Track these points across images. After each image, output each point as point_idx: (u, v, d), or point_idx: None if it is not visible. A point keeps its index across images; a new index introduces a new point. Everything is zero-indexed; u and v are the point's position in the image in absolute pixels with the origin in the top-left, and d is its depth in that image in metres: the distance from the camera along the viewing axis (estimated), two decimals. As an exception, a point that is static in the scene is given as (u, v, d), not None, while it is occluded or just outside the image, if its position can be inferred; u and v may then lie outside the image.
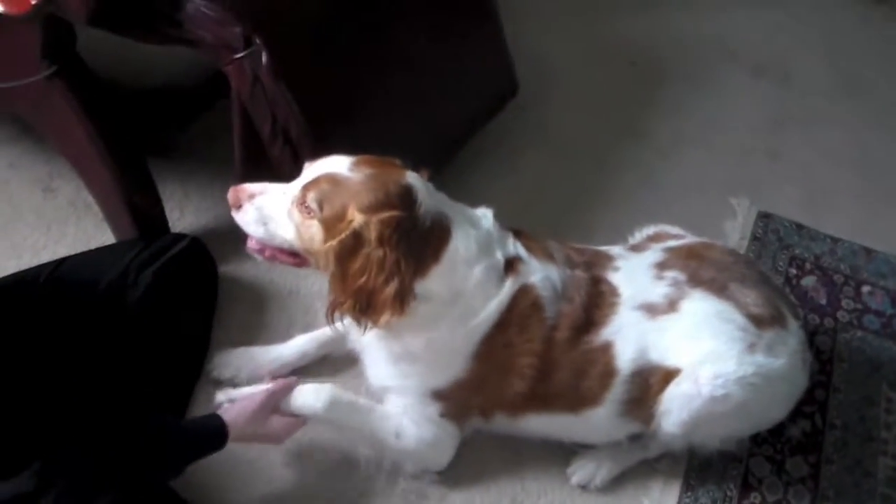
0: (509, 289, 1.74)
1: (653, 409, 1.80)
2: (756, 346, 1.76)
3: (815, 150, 2.99)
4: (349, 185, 1.63)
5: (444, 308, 1.71)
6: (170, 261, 2.06)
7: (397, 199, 1.62)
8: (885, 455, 2.12)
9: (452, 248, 1.69)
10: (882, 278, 2.53)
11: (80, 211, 2.41)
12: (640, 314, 1.79)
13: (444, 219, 1.69)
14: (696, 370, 1.74)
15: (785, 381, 1.85)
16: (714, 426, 1.83)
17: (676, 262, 1.88)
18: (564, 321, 1.77)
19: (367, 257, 1.59)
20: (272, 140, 1.97)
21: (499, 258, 1.75)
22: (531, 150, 2.82)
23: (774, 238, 2.62)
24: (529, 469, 2.01)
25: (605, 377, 1.78)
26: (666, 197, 2.73)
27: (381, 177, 1.65)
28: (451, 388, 1.80)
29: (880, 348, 2.34)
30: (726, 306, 1.79)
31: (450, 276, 1.69)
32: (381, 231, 1.58)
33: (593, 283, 1.82)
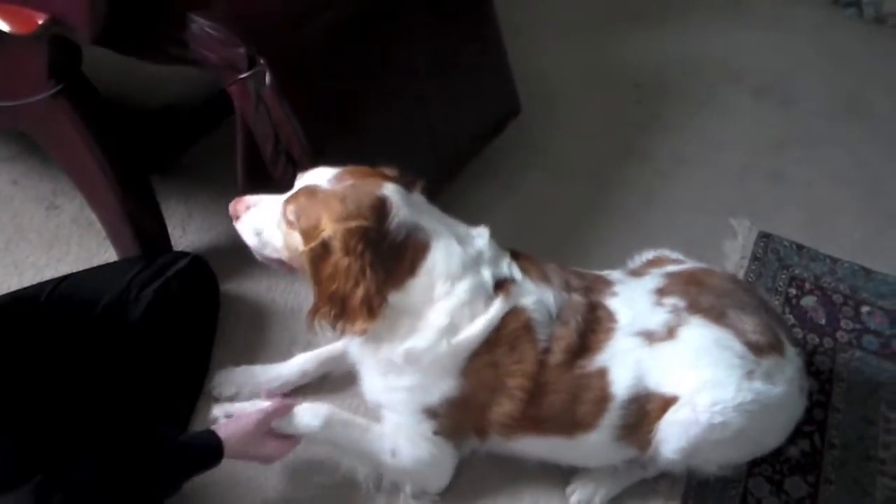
0: (498, 309, 1.74)
1: (649, 436, 1.80)
2: (754, 374, 1.76)
3: (815, 171, 3.00)
4: (325, 197, 1.69)
5: (420, 321, 1.72)
6: (171, 279, 2.07)
7: (368, 211, 1.66)
8: (884, 475, 2.11)
9: (430, 262, 1.71)
10: (881, 298, 2.54)
11: (82, 229, 2.43)
12: (638, 340, 1.78)
13: (421, 232, 1.72)
14: (694, 397, 1.74)
15: (782, 409, 1.85)
16: (712, 453, 1.82)
17: (676, 288, 1.88)
18: (558, 345, 1.77)
19: (336, 265, 1.65)
20: (275, 159, 1.99)
21: (486, 278, 1.75)
22: (532, 170, 2.84)
23: (774, 258, 2.63)
24: (528, 488, 2.00)
25: (599, 402, 1.78)
26: (667, 217, 2.74)
27: (357, 189, 1.70)
28: (442, 405, 1.80)
29: (879, 368, 2.34)
30: (725, 333, 1.79)
31: (427, 289, 1.71)
32: (346, 240, 1.63)
33: (590, 308, 1.82)
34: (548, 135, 2.96)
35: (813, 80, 3.41)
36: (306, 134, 1.94)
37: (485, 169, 2.71)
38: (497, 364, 1.76)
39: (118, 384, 1.93)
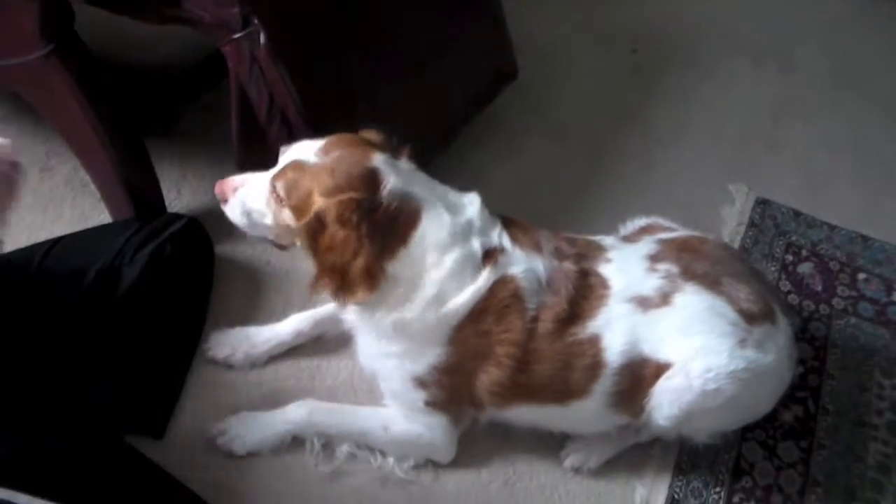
0: (485, 278, 1.73)
1: (643, 402, 1.80)
2: (747, 342, 1.76)
3: (814, 138, 2.98)
4: (313, 171, 1.67)
5: (413, 291, 1.72)
6: (166, 241, 2.05)
7: (358, 182, 1.65)
8: (876, 441, 2.13)
9: (421, 232, 1.70)
10: (878, 266, 2.53)
11: (76, 191, 2.42)
12: (632, 307, 1.78)
13: (413, 201, 1.70)
14: (688, 364, 1.74)
15: (773, 377, 1.85)
16: (704, 420, 1.83)
17: (670, 255, 1.87)
18: (547, 313, 1.76)
19: (333, 237, 1.64)
20: (269, 121, 1.97)
21: (475, 248, 1.74)
22: (530, 134, 2.82)
23: (772, 224, 2.63)
24: (522, 452, 2.02)
25: (592, 369, 1.78)
26: (664, 182, 2.73)
27: (345, 160, 1.68)
28: (430, 373, 1.80)
29: (874, 335, 2.35)
30: (719, 301, 1.79)
31: (418, 260, 1.70)
32: (340, 212, 1.62)
33: (582, 275, 1.81)
34: (545, 99, 2.94)
35: (812, 47, 3.38)
36: (301, 95, 1.92)
37: (482, 133, 2.70)
38: (485, 333, 1.76)
39: (112, 348, 1.93)
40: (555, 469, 2.01)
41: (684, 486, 2.01)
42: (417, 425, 1.89)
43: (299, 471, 1.93)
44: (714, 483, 2.02)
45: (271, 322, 2.13)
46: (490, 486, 1.97)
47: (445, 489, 1.95)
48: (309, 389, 2.06)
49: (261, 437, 1.93)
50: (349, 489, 1.92)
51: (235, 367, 2.07)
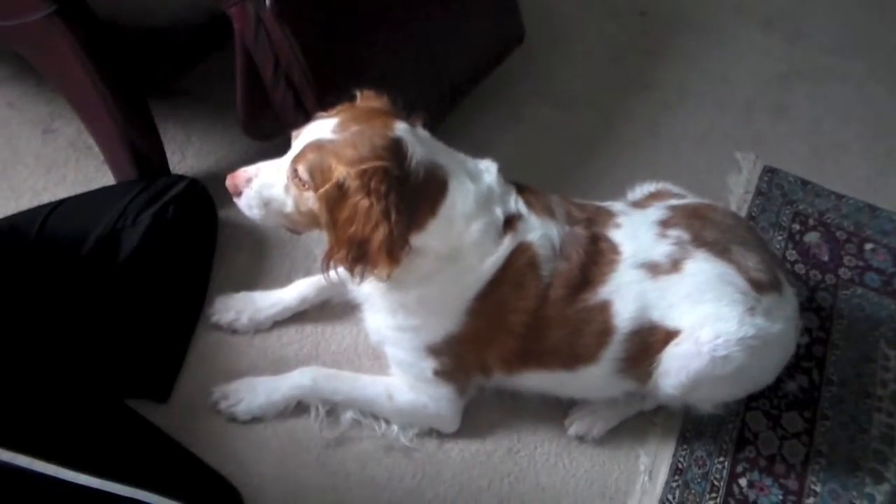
0: (506, 247, 1.71)
1: (650, 369, 1.80)
2: (756, 310, 1.75)
3: (822, 106, 2.96)
4: (335, 147, 1.59)
5: (441, 263, 1.69)
6: (168, 203, 2.04)
7: (384, 152, 1.58)
8: (880, 412, 2.13)
9: (450, 202, 1.66)
10: (885, 236, 2.52)
11: (80, 152, 2.40)
12: (642, 273, 1.77)
13: (439, 171, 1.66)
14: (697, 331, 1.74)
15: (779, 346, 1.85)
16: (710, 389, 1.83)
17: (680, 221, 1.85)
18: (559, 279, 1.75)
19: (355, 207, 1.56)
20: (275, 84, 1.95)
21: (498, 215, 1.72)
22: (537, 99, 2.80)
23: (779, 193, 2.61)
24: (526, 420, 2.02)
25: (602, 335, 1.77)
26: (671, 149, 2.71)
27: (367, 132, 1.60)
28: (444, 343, 1.79)
29: (880, 306, 2.34)
30: (729, 269, 1.78)
31: (447, 230, 1.67)
32: (366, 180, 1.54)
33: (593, 240, 1.80)
34: (552, 64, 2.92)
35: (822, 15, 3.34)
36: (306, 58, 1.90)
37: (489, 98, 2.67)
38: (502, 302, 1.75)
39: (115, 310, 1.93)
40: (559, 438, 2.01)
41: (688, 456, 2.01)
42: (423, 395, 1.89)
43: (303, 436, 1.93)
44: (718, 452, 2.03)
45: (276, 287, 2.12)
46: (494, 455, 1.97)
47: (449, 457, 1.95)
48: (313, 355, 2.06)
49: (264, 402, 1.92)
50: (352, 455, 1.92)
51: (239, 332, 2.06)
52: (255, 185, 1.70)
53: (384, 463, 1.93)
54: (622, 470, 1.99)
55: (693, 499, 1.96)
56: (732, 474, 2.00)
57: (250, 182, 1.70)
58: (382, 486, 1.90)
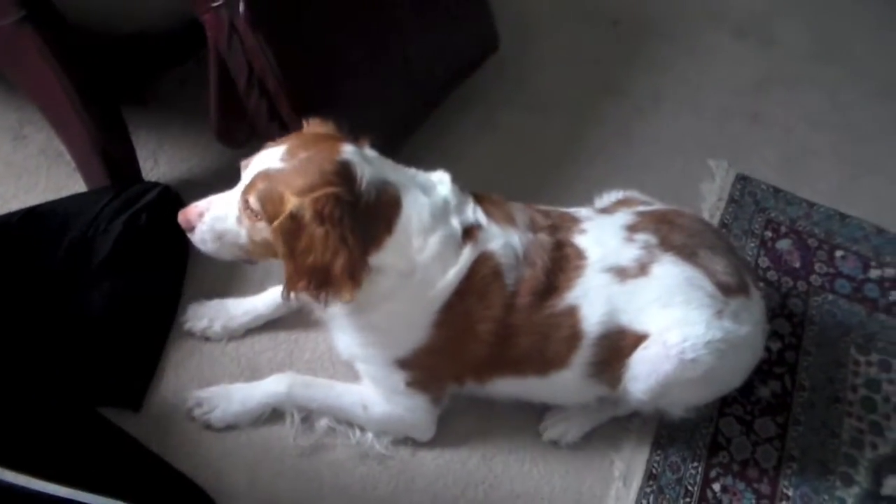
0: (467, 257, 1.72)
1: (621, 373, 1.81)
2: (723, 314, 1.77)
3: (794, 114, 2.98)
4: (284, 175, 1.60)
5: (402, 279, 1.70)
6: (141, 210, 2.04)
7: (334, 177, 1.59)
8: (851, 416, 2.15)
9: (405, 218, 1.67)
10: (855, 243, 2.55)
11: (51, 159, 2.38)
12: (609, 277, 1.78)
13: (391, 188, 1.67)
14: (665, 335, 1.75)
15: (747, 349, 1.87)
16: (680, 392, 1.83)
17: (648, 226, 1.87)
18: (525, 286, 1.75)
19: (311, 236, 1.57)
20: (248, 91, 1.95)
21: (456, 226, 1.72)
22: (511, 106, 2.80)
23: (751, 201, 2.63)
24: (500, 427, 2.02)
25: (571, 340, 1.78)
26: (645, 156, 2.72)
27: (314, 159, 1.61)
28: (414, 356, 1.79)
29: (850, 312, 2.36)
30: (696, 272, 1.79)
31: (405, 246, 1.68)
32: (318, 208, 1.55)
33: (557, 246, 1.80)
34: (526, 71, 2.93)
35: (794, 22, 3.37)
36: (280, 65, 1.89)
37: (463, 105, 2.68)
38: (467, 312, 1.76)
39: (87, 317, 1.91)
40: (533, 444, 2.01)
41: (662, 461, 2.02)
42: (397, 406, 1.89)
43: (276, 444, 1.92)
44: (692, 458, 2.04)
45: (249, 294, 2.11)
46: (468, 462, 1.97)
47: (423, 464, 1.95)
48: (287, 363, 2.05)
49: (239, 409, 1.92)
50: (327, 463, 1.92)
51: (213, 340, 2.05)
52: (207, 218, 1.70)
53: (358, 471, 1.92)
54: (597, 476, 1.99)
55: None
56: (706, 479, 2.01)
57: (202, 216, 1.71)
58: (357, 494, 1.89)
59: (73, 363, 1.87)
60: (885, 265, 2.49)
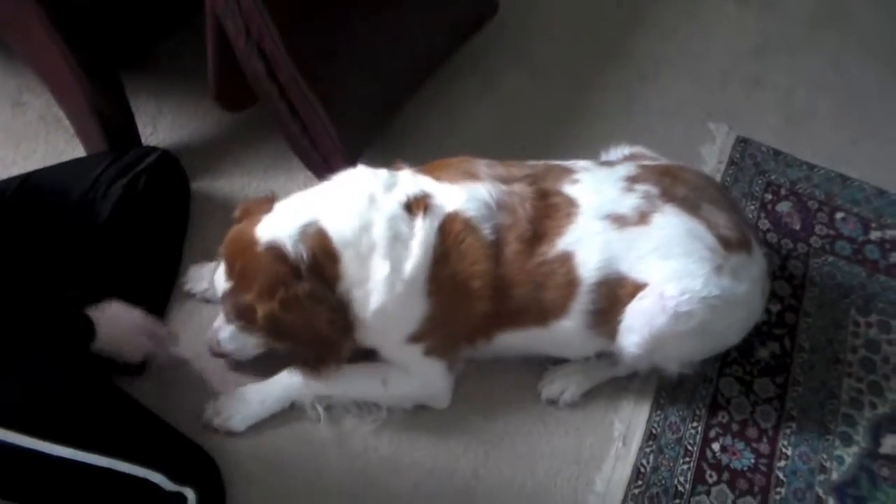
0: (424, 226, 1.73)
1: (619, 323, 1.81)
2: (723, 269, 1.77)
3: (795, 78, 2.97)
4: (238, 291, 1.73)
5: (372, 279, 1.73)
6: (140, 174, 2.03)
7: (270, 267, 1.68)
8: (850, 377, 2.15)
9: (337, 236, 1.71)
10: (856, 205, 2.54)
11: (50, 126, 2.38)
12: (606, 224, 1.78)
13: (310, 226, 1.72)
14: (663, 286, 1.75)
15: (744, 307, 1.87)
16: (673, 345, 1.83)
17: (650, 178, 1.86)
18: (509, 235, 1.76)
19: (290, 323, 1.69)
20: (246, 54, 1.94)
21: (391, 207, 1.74)
22: (510, 70, 2.79)
23: (751, 163, 2.62)
24: (501, 388, 2.03)
25: (567, 286, 1.78)
26: (645, 120, 2.72)
27: (249, 263, 1.71)
28: (422, 328, 1.81)
29: (850, 274, 2.36)
30: (698, 225, 1.79)
31: (356, 258, 1.72)
32: (279, 301, 1.67)
33: (541, 195, 1.80)
34: (527, 35, 2.91)
35: (795, -14, 3.35)
36: (278, 27, 1.88)
37: (463, 69, 2.67)
38: (455, 274, 1.76)
39: (88, 282, 1.91)
40: (533, 406, 2.02)
41: (662, 421, 2.03)
42: (416, 377, 1.91)
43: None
44: (691, 418, 2.05)
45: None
46: (470, 423, 1.98)
47: (425, 425, 1.96)
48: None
49: (259, 409, 1.91)
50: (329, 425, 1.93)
51: (213, 301, 2.05)
52: (224, 345, 1.86)
53: (360, 431, 1.93)
54: (597, 436, 2.00)
55: (667, 464, 1.98)
56: (706, 439, 2.02)
57: (219, 343, 1.86)
58: (358, 454, 1.91)
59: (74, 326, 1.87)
60: (885, 227, 2.49)
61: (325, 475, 1.88)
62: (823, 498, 1.96)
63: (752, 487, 1.96)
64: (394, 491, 1.87)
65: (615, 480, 1.94)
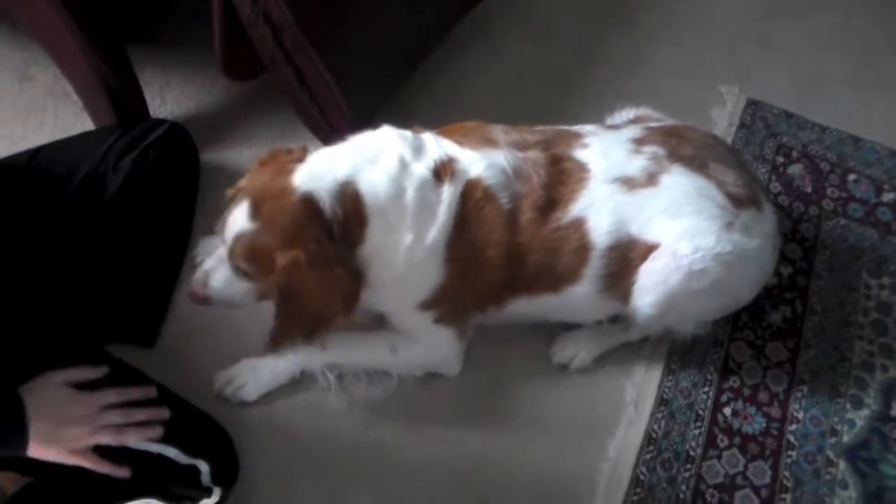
0: (450, 192, 1.71)
1: (632, 285, 1.81)
2: (734, 225, 1.76)
3: (805, 38, 2.94)
4: (259, 235, 1.63)
5: (398, 249, 1.70)
6: (149, 146, 2.03)
7: (304, 219, 1.62)
8: (862, 340, 2.15)
9: (370, 201, 1.67)
10: (868, 167, 2.52)
11: (58, 99, 2.38)
12: (616, 187, 1.77)
13: (348, 186, 1.67)
14: (675, 245, 1.74)
15: (756, 263, 1.86)
16: (687, 305, 1.83)
17: (656, 139, 1.86)
18: (524, 203, 1.75)
19: (308, 283, 1.62)
20: (252, 22, 1.92)
21: (422, 172, 1.71)
22: (516, 37, 2.78)
23: (762, 126, 2.61)
24: (512, 353, 2.04)
25: (580, 252, 1.77)
26: (654, 83, 2.70)
27: (278, 208, 1.63)
28: (434, 295, 1.80)
29: (862, 236, 2.35)
30: (706, 183, 1.78)
31: (384, 223, 1.69)
32: (307, 258, 1.59)
33: (553, 161, 1.79)
34: (532, 1, 2.88)
35: (806, -56, 3.31)
36: (284, -6, 1.87)
37: (468, 36, 2.65)
38: (472, 242, 1.75)
39: (99, 256, 1.92)
40: (545, 372, 2.03)
41: (673, 386, 2.04)
42: (426, 344, 1.91)
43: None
44: (703, 382, 2.05)
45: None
46: (482, 388, 1.99)
47: (437, 391, 1.97)
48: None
49: (269, 378, 1.92)
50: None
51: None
52: (212, 288, 1.74)
53: (371, 400, 1.94)
54: (608, 401, 2.01)
55: (678, 429, 1.99)
56: (717, 404, 2.03)
57: (206, 285, 1.74)
58: (369, 423, 1.92)
59: (85, 301, 1.89)
60: (897, 188, 2.48)
61: (337, 445, 1.89)
62: (834, 461, 1.96)
63: (764, 451, 1.97)
64: (406, 460, 1.89)
65: (627, 445, 1.95)
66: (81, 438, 1.54)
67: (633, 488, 1.90)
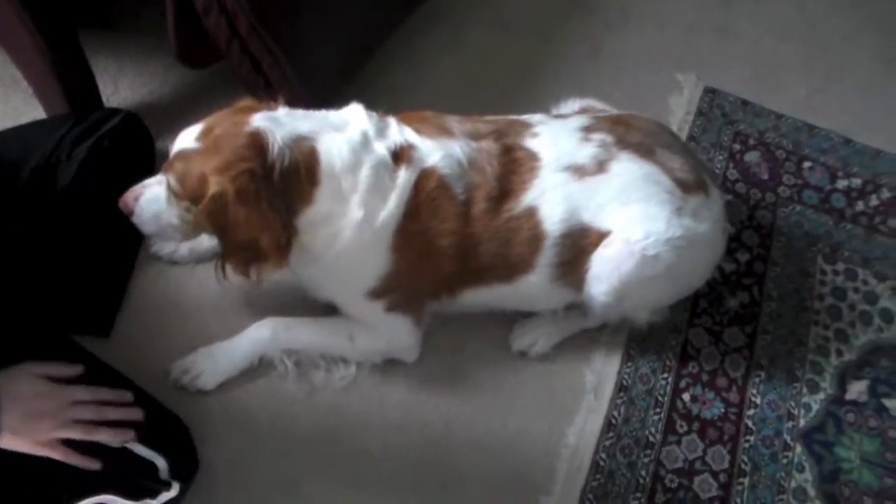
0: (406, 178, 1.71)
1: (586, 273, 1.82)
2: (683, 210, 1.78)
3: (763, 27, 2.96)
4: (199, 155, 1.63)
5: (344, 221, 1.69)
6: (103, 136, 1.99)
7: (245, 150, 1.60)
8: (817, 325, 2.18)
9: (325, 164, 1.66)
10: (823, 154, 2.55)
11: (7, 87, 2.33)
12: (567, 175, 1.77)
13: (304, 141, 1.66)
14: (627, 231, 1.75)
15: (707, 247, 1.88)
16: (641, 291, 1.84)
17: (604, 126, 1.86)
18: (477, 194, 1.75)
19: (235, 215, 1.60)
20: (207, 10, 1.90)
21: (382, 153, 1.71)
22: (476, 24, 2.76)
23: (719, 113, 2.62)
24: (471, 339, 2.04)
25: (533, 241, 1.78)
26: (612, 70, 2.70)
27: (226, 135, 1.62)
28: (383, 284, 1.79)
29: (817, 222, 2.38)
30: (654, 168, 1.80)
31: (336, 190, 1.67)
32: (237, 188, 1.57)
33: (506, 151, 1.80)
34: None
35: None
36: (239, -19, 1.84)
37: (427, 22, 2.64)
38: (424, 231, 1.75)
39: (51, 246, 1.89)
40: (504, 359, 2.03)
41: (633, 373, 2.05)
42: (382, 333, 1.90)
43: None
44: (661, 369, 2.06)
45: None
46: (440, 377, 1.99)
47: (395, 381, 1.97)
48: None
49: (227, 366, 1.90)
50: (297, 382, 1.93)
51: (180, 264, 2.05)
52: (142, 201, 1.73)
53: (330, 387, 1.93)
54: (568, 388, 2.02)
55: (638, 415, 2.00)
56: (676, 389, 2.04)
57: (138, 199, 1.73)
58: (329, 410, 1.91)
59: (39, 290, 1.85)
60: (851, 175, 2.50)
61: (296, 433, 1.88)
62: (791, 444, 1.99)
63: (722, 436, 1.99)
64: (365, 447, 1.88)
65: (587, 432, 1.96)
66: (50, 431, 1.53)
67: (592, 474, 1.91)
